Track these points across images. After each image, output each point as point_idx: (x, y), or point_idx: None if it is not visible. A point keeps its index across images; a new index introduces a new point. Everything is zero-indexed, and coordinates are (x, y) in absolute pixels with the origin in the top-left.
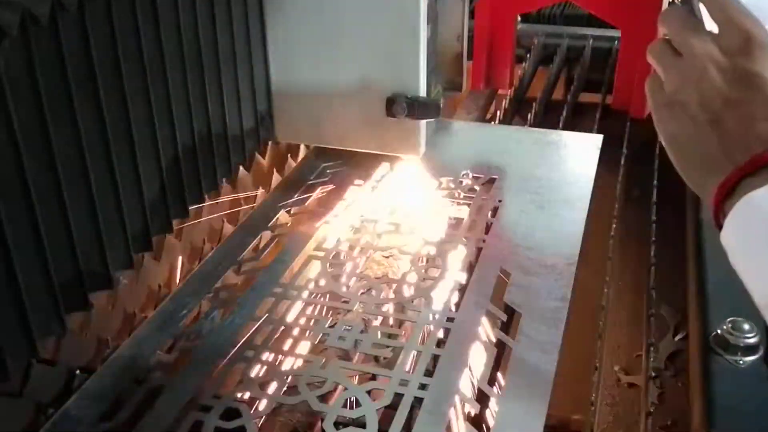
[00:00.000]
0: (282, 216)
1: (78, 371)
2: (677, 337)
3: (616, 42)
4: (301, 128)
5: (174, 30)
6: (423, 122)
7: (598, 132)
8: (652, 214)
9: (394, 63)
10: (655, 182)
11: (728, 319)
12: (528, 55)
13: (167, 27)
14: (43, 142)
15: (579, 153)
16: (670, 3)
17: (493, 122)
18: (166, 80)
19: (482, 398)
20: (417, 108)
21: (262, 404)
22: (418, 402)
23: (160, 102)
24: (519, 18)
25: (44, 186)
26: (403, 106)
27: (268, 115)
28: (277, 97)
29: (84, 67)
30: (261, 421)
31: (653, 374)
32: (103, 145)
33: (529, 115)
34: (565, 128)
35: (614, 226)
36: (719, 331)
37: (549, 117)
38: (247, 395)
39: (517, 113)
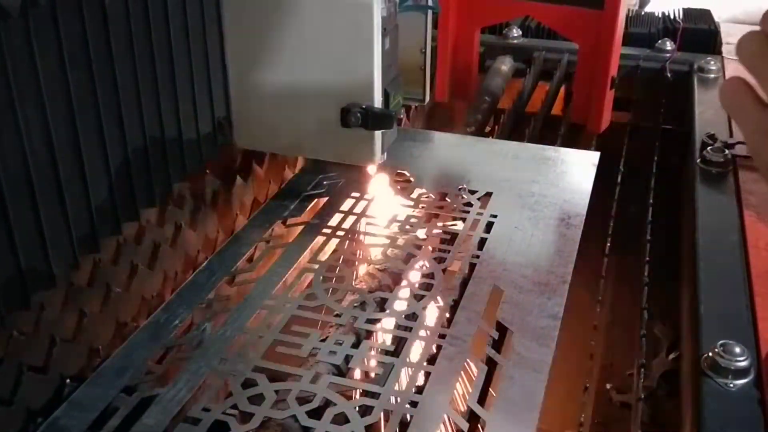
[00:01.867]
0: (277, 227)
1: (68, 380)
2: (671, 356)
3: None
4: (260, 135)
5: (124, 32)
6: (379, 132)
7: (597, 149)
8: (647, 234)
9: (349, 74)
10: (650, 201)
11: (719, 342)
12: (528, 70)
13: (116, 28)
14: None
15: (575, 169)
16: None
17: (491, 137)
18: (115, 82)
19: (472, 416)
20: (371, 118)
21: (251, 418)
22: (407, 419)
23: (108, 104)
24: (520, 32)
25: None
26: (357, 117)
27: (227, 121)
28: (236, 103)
29: (27, 67)
30: None
31: (645, 394)
32: (47, 146)
33: (527, 130)
34: (562, 144)
35: (608, 244)
36: (710, 354)
37: (547, 132)
38: (236, 409)
39: (515, 128)
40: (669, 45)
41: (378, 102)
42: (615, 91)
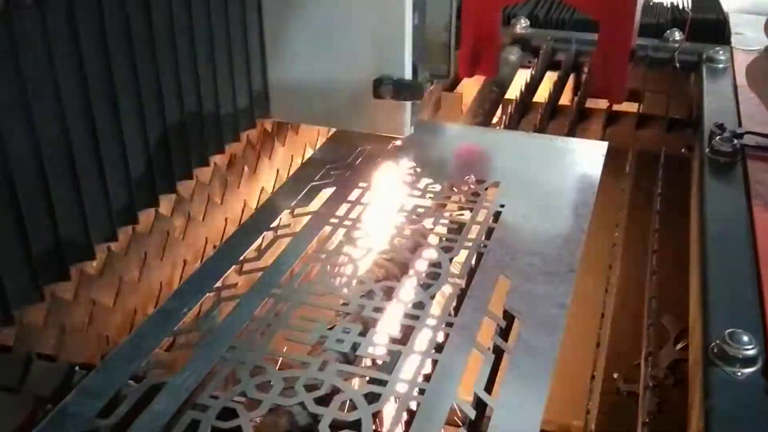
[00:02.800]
0: (284, 217)
1: (78, 367)
2: (678, 346)
3: None
4: (295, 107)
5: (165, 6)
6: (409, 104)
7: (605, 139)
8: (655, 224)
9: (382, 47)
10: (659, 191)
11: (727, 331)
12: (536, 60)
13: (157, 2)
14: (25, 113)
15: (583, 160)
16: None
17: (498, 127)
18: (154, 56)
19: (479, 404)
20: (402, 90)
21: (259, 405)
22: (414, 406)
23: (147, 77)
24: (528, 23)
25: (25, 156)
26: (389, 88)
27: (264, 94)
28: (273, 76)
29: (69, 40)
30: (257, 422)
31: (652, 383)
32: (88, 118)
33: (535, 120)
34: (570, 134)
35: (616, 234)
36: (718, 342)
37: (554, 122)
38: (244, 396)
39: (523, 118)
40: (678, 35)
41: (408, 74)
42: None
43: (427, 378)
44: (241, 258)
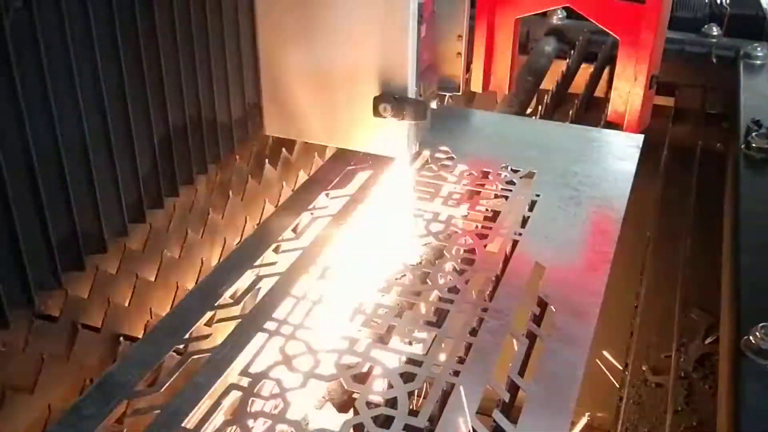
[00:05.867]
0: (321, 198)
1: (122, 338)
2: (708, 341)
3: None
4: (290, 123)
5: (167, 16)
6: (411, 123)
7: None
8: (689, 217)
9: (383, 62)
10: (693, 184)
11: (760, 324)
12: (572, 52)
13: (162, 14)
14: (47, 114)
15: (619, 151)
16: None
17: (534, 117)
18: (159, 63)
19: (512, 387)
20: (404, 108)
21: (297, 379)
22: (449, 387)
23: (153, 82)
24: (564, 14)
25: (45, 151)
26: (389, 106)
27: (257, 107)
28: (267, 90)
29: (85, 43)
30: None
31: (682, 374)
32: (101, 119)
33: (570, 111)
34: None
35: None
36: (750, 336)
37: (589, 113)
38: (283, 370)
39: (557, 108)
40: (715, 30)
41: (411, 92)
42: (659, 75)
43: (462, 360)
44: (280, 238)
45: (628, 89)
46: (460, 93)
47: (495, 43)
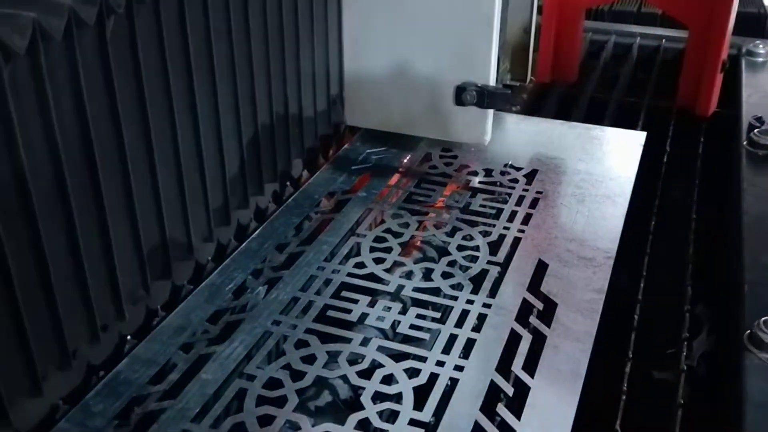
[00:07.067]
0: (325, 199)
1: (128, 336)
2: (711, 337)
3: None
4: (371, 113)
5: (260, 15)
6: (490, 111)
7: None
8: (692, 214)
9: (466, 51)
10: (696, 182)
11: (763, 318)
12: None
13: (254, 13)
14: (143, 118)
15: (622, 149)
16: None
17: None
18: (250, 60)
19: (516, 383)
20: (486, 97)
21: (304, 376)
22: (453, 382)
23: (244, 81)
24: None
25: (139, 156)
26: (472, 95)
27: (339, 99)
28: (349, 81)
29: (180, 44)
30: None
31: (684, 368)
32: (193, 121)
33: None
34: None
35: (653, 222)
36: (754, 329)
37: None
38: (289, 368)
39: (562, 108)
40: None
41: (493, 81)
42: (664, 72)
43: (466, 356)
44: (285, 237)
45: (698, 75)
46: (526, 83)
47: (561, 35)
